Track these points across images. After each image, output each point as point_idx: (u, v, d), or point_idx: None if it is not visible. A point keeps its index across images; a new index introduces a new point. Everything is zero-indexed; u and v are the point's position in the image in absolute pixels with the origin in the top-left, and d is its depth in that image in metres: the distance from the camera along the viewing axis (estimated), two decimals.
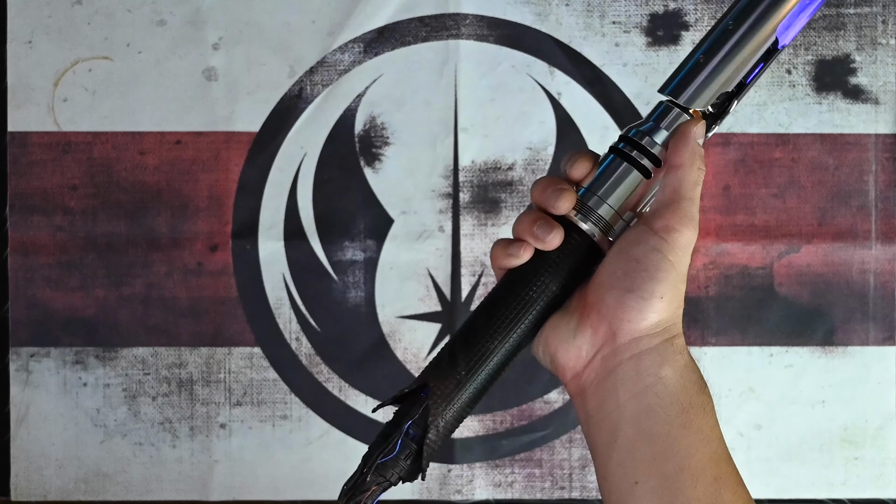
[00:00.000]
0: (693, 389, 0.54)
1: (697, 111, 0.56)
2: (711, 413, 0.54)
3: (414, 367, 0.87)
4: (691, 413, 0.53)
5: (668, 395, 0.54)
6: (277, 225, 0.87)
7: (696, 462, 0.53)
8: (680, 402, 0.54)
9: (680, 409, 0.54)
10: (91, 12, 0.87)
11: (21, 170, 0.87)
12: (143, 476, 0.87)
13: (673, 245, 0.55)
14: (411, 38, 0.87)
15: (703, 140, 0.58)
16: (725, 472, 0.55)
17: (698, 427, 0.53)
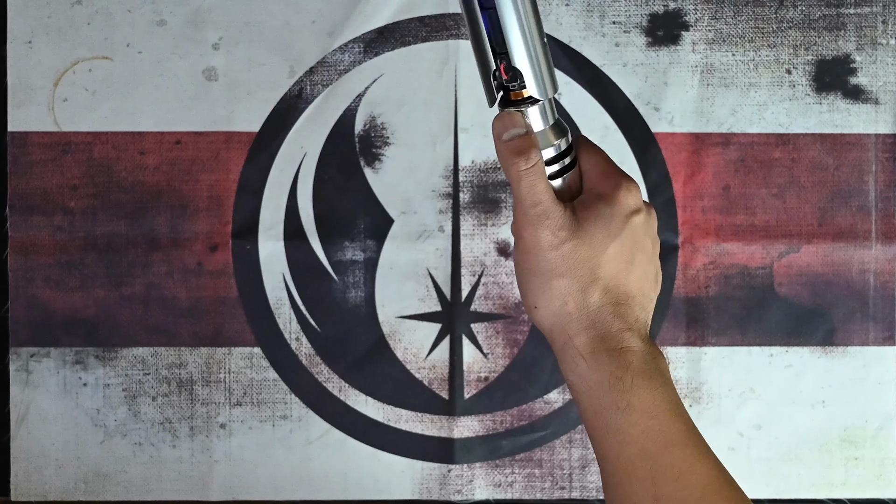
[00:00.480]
0: (600, 390, 0.53)
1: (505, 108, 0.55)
2: (632, 410, 0.53)
3: (414, 367, 0.87)
4: (604, 415, 0.53)
5: (581, 401, 0.54)
6: (277, 225, 0.87)
7: (624, 461, 0.53)
8: (591, 407, 0.54)
9: (592, 412, 0.54)
10: (91, 12, 0.87)
11: (21, 170, 0.87)
12: (143, 476, 0.87)
13: (524, 251, 0.55)
14: (411, 38, 0.87)
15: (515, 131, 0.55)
16: (663, 466, 0.53)
17: (616, 429, 0.53)
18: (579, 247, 0.54)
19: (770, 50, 0.87)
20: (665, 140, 0.87)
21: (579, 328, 0.54)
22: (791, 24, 0.87)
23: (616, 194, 0.55)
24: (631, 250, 0.55)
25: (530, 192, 0.54)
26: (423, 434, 0.88)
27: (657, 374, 0.54)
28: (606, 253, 0.54)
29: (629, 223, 0.55)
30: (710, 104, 0.87)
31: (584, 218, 0.54)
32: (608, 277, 0.54)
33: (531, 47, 0.53)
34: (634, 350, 0.54)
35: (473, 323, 0.87)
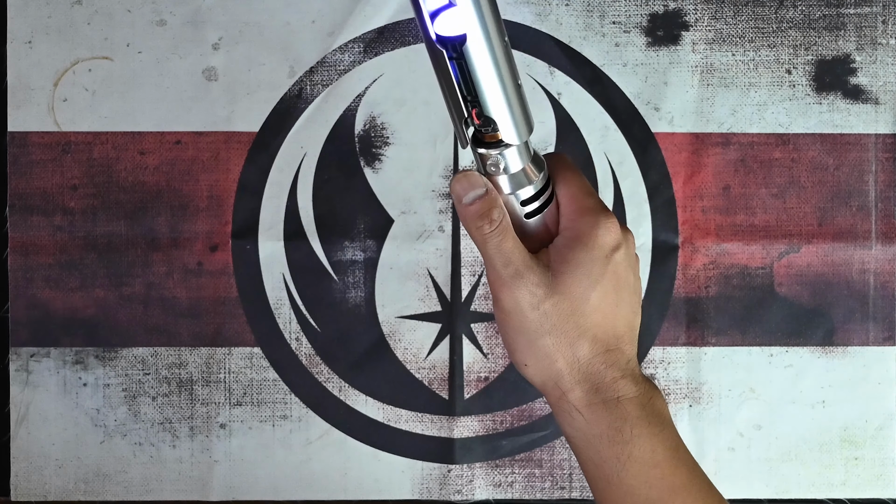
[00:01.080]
0: (599, 443, 0.52)
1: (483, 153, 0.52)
2: (633, 462, 0.51)
3: (414, 367, 0.87)
4: (605, 468, 0.52)
5: (580, 453, 0.53)
6: (277, 225, 0.87)
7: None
8: (591, 459, 0.52)
9: (593, 465, 0.52)
10: (91, 12, 0.87)
11: (21, 170, 0.87)
12: (143, 476, 0.87)
13: (504, 311, 0.53)
14: (411, 38, 0.87)
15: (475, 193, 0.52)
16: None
17: (618, 482, 0.52)
18: (560, 302, 0.52)
19: (770, 50, 0.87)
20: (665, 140, 0.87)
21: (572, 383, 0.52)
22: (791, 24, 0.87)
23: (594, 235, 0.52)
24: (615, 291, 0.52)
25: (499, 254, 0.52)
26: (423, 434, 0.88)
27: (656, 419, 0.52)
28: (590, 303, 0.52)
29: (610, 263, 0.52)
30: (710, 104, 0.87)
31: (561, 270, 0.52)
32: (595, 327, 0.52)
33: (504, 95, 0.50)
34: (631, 398, 0.52)
35: (473, 323, 0.87)
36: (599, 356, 0.52)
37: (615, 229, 0.52)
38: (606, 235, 0.52)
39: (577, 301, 0.51)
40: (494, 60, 0.48)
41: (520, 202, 0.53)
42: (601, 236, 0.52)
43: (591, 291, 0.52)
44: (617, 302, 0.52)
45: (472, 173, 0.53)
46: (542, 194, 0.54)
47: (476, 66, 0.48)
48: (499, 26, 0.47)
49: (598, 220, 0.52)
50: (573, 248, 0.52)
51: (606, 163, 0.87)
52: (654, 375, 0.87)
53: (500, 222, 0.52)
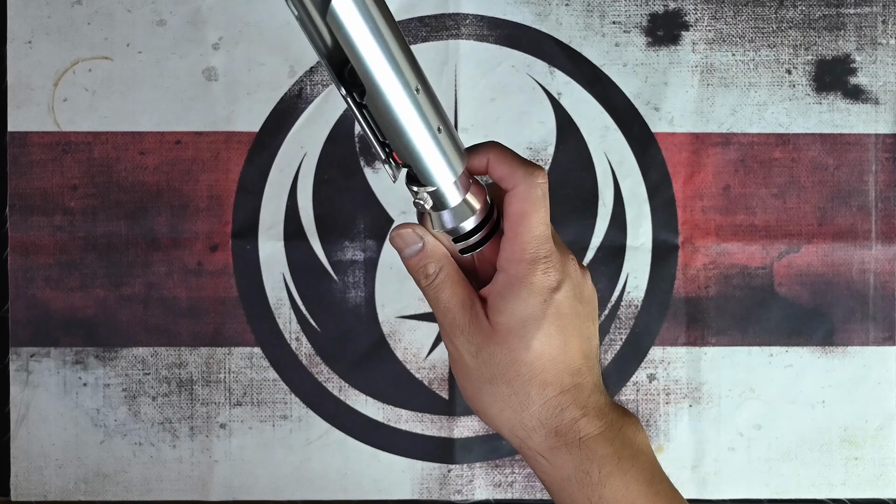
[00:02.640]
0: (569, 487, 0.50)
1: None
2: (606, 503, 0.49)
3: (414, 367, 0.87)
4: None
5: (553, 496, 0.51)
6: (277, 225, 0.87)
7: None
8: (563, 501, 0.50)
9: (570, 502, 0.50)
10: (91, 12, 0.87)
11: (21, 170, 0.87)
12: (143, 476, 0.87)
13: (451, 359, 0.52)
14: (411, 38, 0.87)
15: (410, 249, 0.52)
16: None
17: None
18: (498, 352, 0.50)
19: (770, 50, 0.87)
20: (665, 140, 0.87)
21: (528, 430, 0.50)
22: (791, 24, 0.87)
23: (528, 281, 0.49)
24: (561, 331, 0.50)
25: (436, 303, 0.51)
26: (423, 434, 0.88)
27: (627, 453, 0.50)
28: (532, 350, 0.49)
29: (551, 305, 0.49)
30: (710, 104, 0.87)
31: (497, 318, 0.50)
32: (542, 372, 0.50)
33: (415, 143, 0.47)
34: (596, 435, 0.50)
35: None
36: (552, 399, 0.50)
37: (554, 270, 0.50)
38: (546, 277, 0.49)
39: (516, 350, 0.49)
40: (400, 112, 0.45)
41: (452, 239, 0.51)
42: (537, 282, 0.49)
43: (532, 339, 0.49)
44: (565, 341, 0.50)
45: (406, 231, 0.52)
46: (477, 231, 0.51)
47: (380, 117, 0.46)
48: (405, 76, 0.44)
49: (536, 265, 0.49)
50: (507, 296, 0.50)
51: (606, 163, 0.87)
52: (654, 375, 0.87)
53: (435, 276, 0.51)
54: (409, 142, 0.47)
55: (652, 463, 0.51)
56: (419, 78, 0.45)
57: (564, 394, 0.50)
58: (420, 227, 0.52)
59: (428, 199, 0.50)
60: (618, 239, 0.87)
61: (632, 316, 0.87)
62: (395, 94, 0.45)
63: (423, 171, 0.48)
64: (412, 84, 0.45)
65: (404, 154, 0.47)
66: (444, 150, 0.48)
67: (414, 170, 0.48)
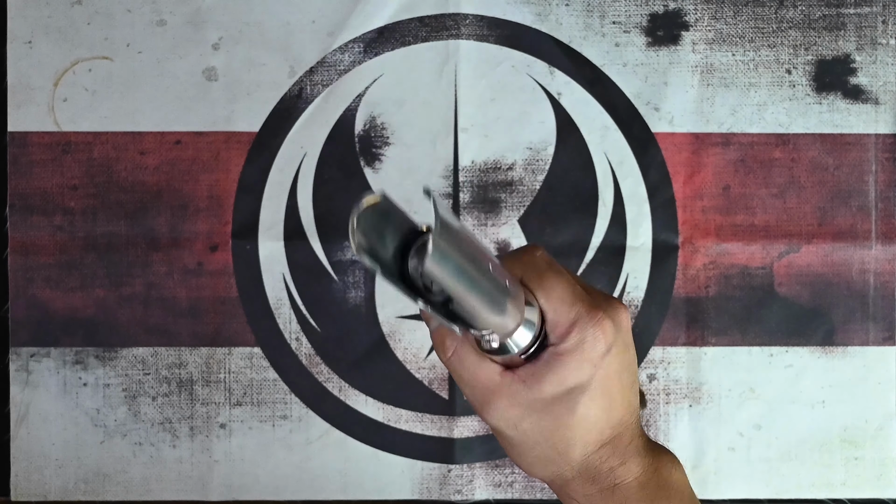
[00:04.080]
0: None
1: None
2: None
3: (414, 367, 0.87)
4: None
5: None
6: (277, 225, 0.87)
7: None
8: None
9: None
10: (91, 12, 0.87)
11: (21, 170, 0.87)
12: (143, 476, 0.87)
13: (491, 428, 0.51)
14: (411, 38, 0.87)
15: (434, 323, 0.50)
16: None
17: None
18: (539, 421, 0.49)
19: (770, 50, 0.87)
20: (665, 140, 0.87)
21: (565, 480, 0.51)
22: (791, 24, 0.87)
23: (580, 351, 0.48)
24: (607, 392, 0.49)
25: (460, 380, 0.50)
26: (423, 434, 0.88)
27: (661, 493, 0.51)
28: (577, 415, 0.49)
29: (600, 370, 0.49)
30: (710, 104, 0.87)
31: (543, 388, 0.49)
32: (586, 433, 0.50)
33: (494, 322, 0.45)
34: (629, 482, 0.50)
35: None
36: (592, 455, 0.50)
37: (604, 334, 0.48)
38: (595, 346, 0.48)
39: (562, 417, 0.49)
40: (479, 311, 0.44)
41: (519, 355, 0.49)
42: (588, 350, 0.48)
43: (577, 405, 0.49)
44: (611, 400, 0.50)
45: None
46: (538, 339, 0.50)
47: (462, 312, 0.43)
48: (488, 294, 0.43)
49: (584, 334, 0.48)
50: (555, 366, 0.49)
51: (606, 163, 0.87)
52: (654, 375, 0.87)
53: (453, 349, 0.50)
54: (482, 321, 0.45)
55: (689, 500, 0.52)
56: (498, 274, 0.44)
57: (604, 447, 0.50)
58: None
59: (496, 339, 0.48)
60: (618, 239, 0.87)
61: (632, 316, 0.87)
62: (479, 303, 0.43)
63: (496, 329, 0.46)
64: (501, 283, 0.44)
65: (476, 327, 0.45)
66: (511, 310, 0.46)
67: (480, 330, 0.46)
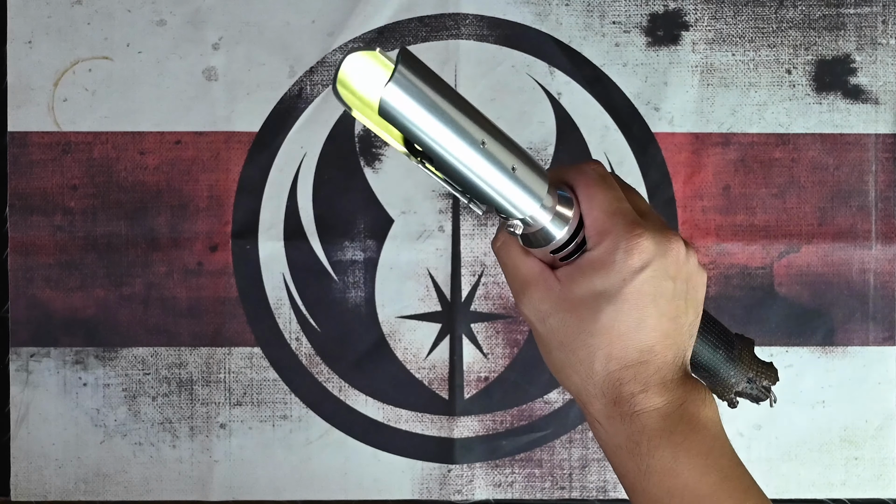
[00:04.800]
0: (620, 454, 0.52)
1: None
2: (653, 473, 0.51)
3: (414, 367, 0.87)
4: (629, 477, 0.52)
5: (609, 459, 0.54)
6: (277, 225, 0.87)
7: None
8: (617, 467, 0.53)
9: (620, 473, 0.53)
10: (91, 12, 0.87)
11: (21, 170, 0.87)
12: (143, 476, 0.87)
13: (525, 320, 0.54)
14: (411, 38, 0.87)
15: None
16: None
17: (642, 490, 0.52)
18: (566, 320, 0.51)
19: (770, 50, 0.87)
20: (665, 140, 0.87)
21: (590, 396, 0.52)
22: (791, 24, 0.87)
23: (611, 261, 0.50)
24: (637, 309, 0.51)
25: (505, 267, 0.53)
26: (423, 434, 0.88)
27: (683, 427, 0.51)
28: (599, 322, 0.50)
29: (630, 286, 0.50)
30: (710, 104, 0.87)
31: (571, 289, 0.51)
32: (608, 345, 0.51)
33: (496, 188, 0.48)
34: (650, 411, 0.51)
35: (473, 323, 0.87)
36: (616, 372, 0.51)
37: (638, 252, 0.50)
38: (628, 259, 0.50)
39: (586, 320, 0.51)
40: (470, 168, 0.48)
41: (551, 252, 0.52)
42: (619, 261, 0.50)
43: (601, 313, 0.50)
44: (640, 319, 0.51)
45: None
46: (572, 240, 0.52)
47: (453, 175, 0.48)
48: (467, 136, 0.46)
49: (618, 244, 0.50)
50: (586, 270, 0.51)
51: (606, 163, 0.87)
52: None
53: (503, 239, 0.53)
54: (484, 190, 0.48)
55: (714, 437, 0.52)
56: (485, 129, 0.47)
57: (627, 369, 0.51)
58: None
59: (519, 226, 0.51)
60: None
61: None
62: (460, 155, 0.47)
63: (506, 210, 0.49)
64: (477, 139, 0.47)
65: (485, 200, 0.49)
66: (523, 184, 0.49)
67: (498, 209, 0.50)
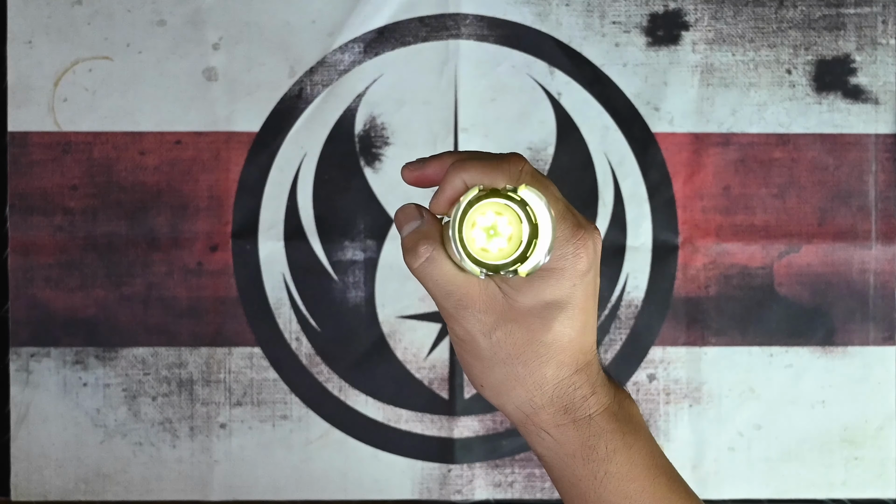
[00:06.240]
0: (573, 462, 0.49)
1: None
2: (610, 478, 0.49)
3: (414, 367, 0.87)
4: (581, 486, 0.50)
5: (552, 471, 0.51)
6: (277, 225, 0.87)
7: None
8: (565, 478, 0.50)
9: (568, 483, 0.50)
10: (91, 12, 0.87)
11: (21, 170, 0.87)
12: (143, 476, 0.87)
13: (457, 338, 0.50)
14: (411, 38, 0.87)
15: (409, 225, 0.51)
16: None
17: (596, 499, 0.50)
18: (514, 331, 0.48)
19: (770, 50, 0.87)
20: (665, 140, 0.87)
21: (536, 407, 0.49)
22: (791, 24, 0.87)
23: (560, 267, 0.47)
24: (583, 312, 0.48)
25: (435, 287, 0.48)
26: (423, 434, 0.88)
27: (630, 428, 0.50)
28: (552, 331, 0.48)
29: (578, 291, 0.48)
30: (710, 104, 0.87)
31: (518, 298, 0.48)
32: (559, 352, 0.48)
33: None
34: (602, 412, 0.49)
35: None
36: (567, 379, 0.49)
37: (586, 254, 0.47)
38: (575, 265, 0.47)
39: (536, 331, 0.48)
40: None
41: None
42: (568, 268, 0.47)
43: (554, 321, 0.48)
44: (585, 322, 0.49)
45: (411, 206, 0.51)
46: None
47: None
48: None
49: (566, 250, 0.47)
50: (535, 281, 0.47)
51: (606, 163, 0.87)
52: (654, 375, 0.87)
53: (427, 256, 0.48)
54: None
55: (651, 439, 0.51)
56: None
57: (579, 373, 0.49)
58: (424, 208, 0.51)
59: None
60: (618, 239, 0.87)
61: (632, 316, 0.87)
62: None
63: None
64: None
65: None
66: None
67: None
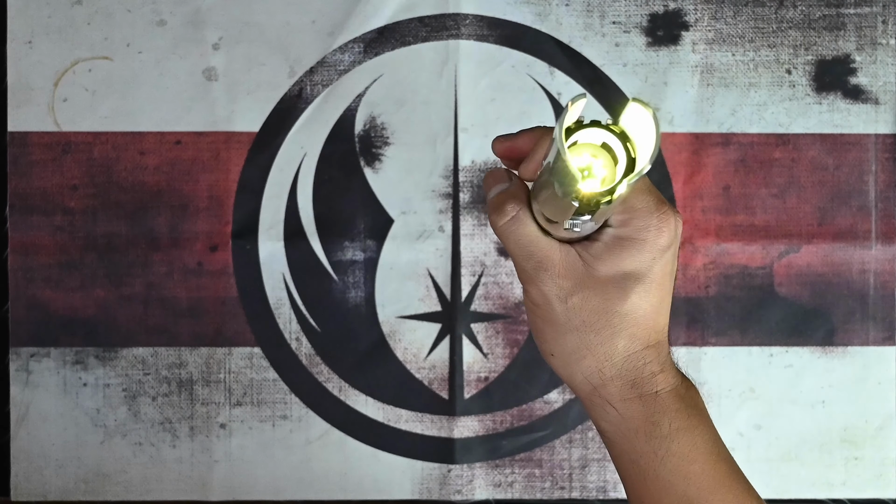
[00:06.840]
0: (636, 438, 0.49)
1: None
2: (672, 457, 0.49)
3: (414, 367, 0.87)
4: (641, 463, 0.50)
5: (613, 447, 0.51)
6: (277, 225, 0.87)
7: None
8: (626, 454, 0.50)
9: (628, 460, 0.50)
10: (91, 12, 0.87)
11: (21, 170, 0.87)
12: (143, 476, 0.87)
13: (532, 301, 0.50)
14: (411, 38, 0.87)
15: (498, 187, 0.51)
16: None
17: (654, 477, 0.49)
18: (590, 298, 0.48)
19: (770, 50, 0.87)
20: (665, 140, 0.87)
21: (605, 379, 0.49)
22: (791, 24, 0.87)
23: (641, 239, 0.48)
24: (660, 288, 0.49)
25: (517, 247, 0.49)
26: (423, 434, 0.88)
27: (695, 413, 0.51)
28: (629, 302, 0.48)
29: (658, 266, 0.48)
30: (710, 104, 0.87)
31: (598, 266, 0.48)
32: (633, 325, 0.49)
33: None
34: (669, 391, 0.50)
35: (473, 323, 0.87)
36: (637, 352, 0.49)
37: (668, 229, 0.48)
38: (656, 238, 0.48)
39: (612, 300, 0.48)
40: None
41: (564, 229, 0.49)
42: (650, 241, 0.48)
43: (631, 292, 0.48)
44: (661, 299, 0.49)
45: (500, 169, 0.51)
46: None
47: None
48: None
49: (650, 222, 0.48)
50: (615, 248, 0.48)
51: None
52: None
53: (513, 215, 0.49)
54: None
55: (712, 425, 0.52)
56: None
57: (649, 349, 0.49)
58: (513, 172, 0.51)
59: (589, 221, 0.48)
60: None
61: None
62: None
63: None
64: None
65: None
66: None
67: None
